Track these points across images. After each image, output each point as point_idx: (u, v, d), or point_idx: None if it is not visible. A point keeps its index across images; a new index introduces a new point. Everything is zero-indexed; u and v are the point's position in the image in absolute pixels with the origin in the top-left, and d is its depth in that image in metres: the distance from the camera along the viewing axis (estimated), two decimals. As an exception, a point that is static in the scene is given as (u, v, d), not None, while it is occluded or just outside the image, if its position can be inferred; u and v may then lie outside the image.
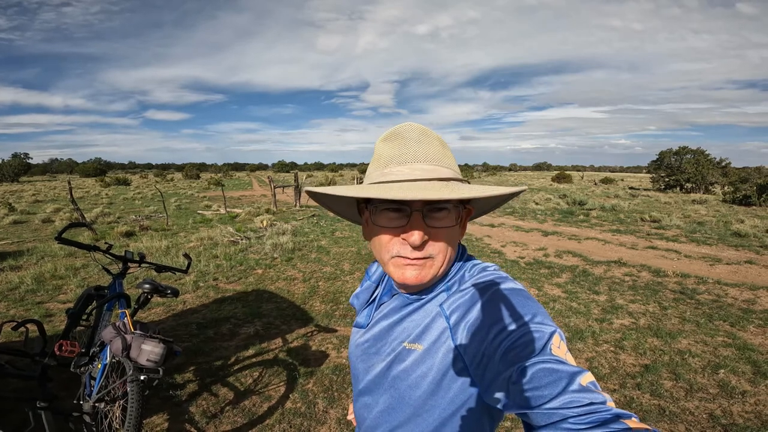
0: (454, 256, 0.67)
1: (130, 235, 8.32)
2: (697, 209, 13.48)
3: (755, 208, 14.88)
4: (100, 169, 74.46)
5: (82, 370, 2.06)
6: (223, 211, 12.45)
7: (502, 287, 0.61)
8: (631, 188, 27.81)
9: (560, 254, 6.66)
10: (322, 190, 0.63)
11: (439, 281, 0.68)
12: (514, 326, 0.55)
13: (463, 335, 0.60)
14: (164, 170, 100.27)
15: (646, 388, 2.68)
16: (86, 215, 10.38)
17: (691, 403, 2.52)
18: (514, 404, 0.49)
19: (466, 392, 0.61)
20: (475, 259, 0.73)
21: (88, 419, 1.93)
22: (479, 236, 8.30)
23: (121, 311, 2.06)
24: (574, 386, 0.45)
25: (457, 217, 0.64)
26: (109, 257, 2.32)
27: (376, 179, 0.64)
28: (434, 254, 0.63)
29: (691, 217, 11.32)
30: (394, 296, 0.74)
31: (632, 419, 0.41)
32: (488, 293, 0.61)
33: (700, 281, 5.09)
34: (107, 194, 21.82)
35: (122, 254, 2.32)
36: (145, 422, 2.25)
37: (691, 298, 4.46)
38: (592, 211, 12.40)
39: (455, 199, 0.57)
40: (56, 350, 1.90)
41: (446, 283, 0.68)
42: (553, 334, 0.53)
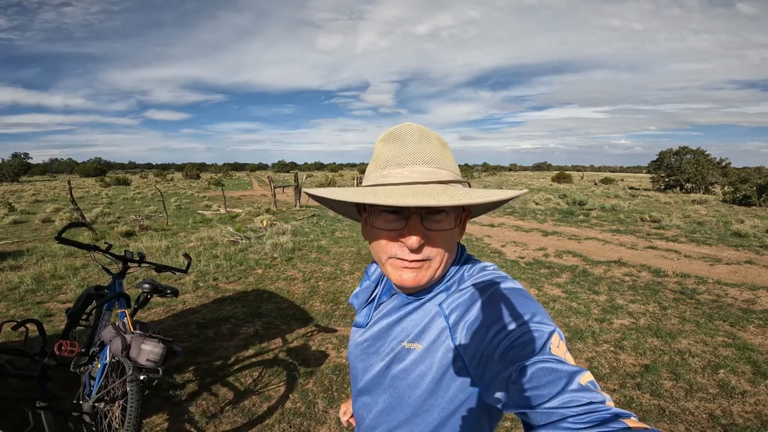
0: (452, 257, 0.67)
1: (130, 235, 8.32)
2: (697, 209, 13.49)
3: (755, 208, 14.88)
4: (100, 169, 74.40)
5: (81, 369, 2.06)
6: (223, 211, 12.45)
7: (501, 287, 0.61)
8: (631, 188, 27.80)
9: (560, 254, 6.66)
10: (321, 192, 0.63)
11: (438, 281, 0.67)
12: (513, 325, 0.55)
13: (462, 335, 0.60)
14: (164, 170, 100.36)
15: (646, 388, 2.68)
16: (86, 215, 10.37)
17: (691, 403, 2.52)
18: (513, 404, 0.49)
19: (465, 392, 0.61)
20: (474, 258, 0.73)
21: (87, 419, 1.93)
22: (479, 236, 8.30)
23: (120, 311, 2.06)
24: (573, 386, 0.45)
25: (455, 219, 0.63)
26: (108, 257, 2.32)
27: (374, 181, 0.64)
28: (432, 257, 0.63)
29: (691, 217, 11.32)
30: (393, 296, 0.74)
31: (631, 418, 0.41)
32: (487, 293, 0.61)
33: (700, 281, 5.09)
34: (107, 194, 21.82)
35: (122, 254, 2.32)
36: (144, 422, 2.25)
37: (691, 298, 4.46)
38: (592, 211, 12.39)
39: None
40: (56, 350, 1.90)
41: (445, 282, 0.68)
42: (552, 333, 0.53)
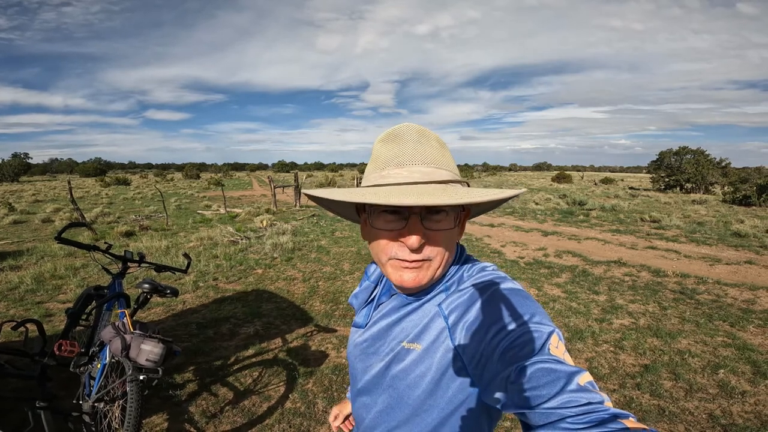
0: (452, 257, 0.67)
1: (129, 234, 8.32)
2: (697, 209, 13.49)
3: (755, 208, 14.88)
4: (100, 169, 74.40)
5: (81, 369, 2.06)
6: (223, 211, 12.45)
7: (500, 287, 0.61)
8: (631, 188, 27.80)
9: (560, 254, 6.66)
10: (320, 193, 0.63)
11: (437, 282, 0.67)
12: (512, 326, 0.55)
13: (461, 335, 0.60)
14: (164, 170, 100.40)
15: (645, 388, 2.68)
16: (86, 215, 10.37)
17: (690, 403, 2.52)
18: (512, 404, 0.49)
19: (464, 392, 0.61)
20: (473, 259, 0.73)
21: (87, 419, 1.93)
22: (479, 236, 8.30)
23: (120, 311, 2.06)
24: (572, 386, 0.45)
25: (455, 218, 0.63)
26: (108, 257, 2.32)
27: (374, 181, 0.64)
28: (432, 256, 0.62)
29: (691, 217, 11.32)
30: (392, 296, 0.74)
31: (630, 419, 0.41)
32: (487, 293, 0.61)
33: (699, 281, 5.09)
34: (107, 194, 21.82)
35: (122, 254, 2.32)
36: (144, 422, 2.25)
37: (690, 298, 4.46)
38: (592, 211, 12.39)
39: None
40: (56, 350, 1.90)
41: (445, 283, 0.68)
42: (551, 334, 0.53)
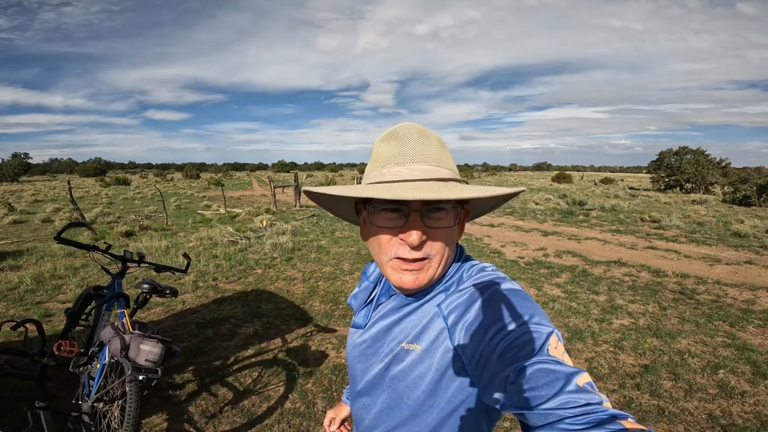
0: (452, 256, 0.67)
1: (129, 234, 8.32)
2: (696, 209, 13.49)
3: (755, 208, 14.88)
4: (100, 168, 74.37)
5: (80, 369, 2.06)
6: (222, 211, 12.45)
7: (500, 288, 0.61)
8: (631, 188, 27.81)
9: (560, 254, 6.66)
10: (320, 189, 0.63)
11: (437, 282, 0.67)
12: (511, 326, 0.55)
13: (461, 335, 0.60)
14: (164, 170, 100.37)
15: (645, 388, 2.68)
16: (86, 215, 10.37)
17: (690, 403, 2.52)
18: (511, 404, 0.49)
19: (464, 392, 0.61)
20: (473, 259, 0.73)
21: (86, 419, 1.93)
22: (479, 236, 8.30)
23: (120, 311, 2.06)
24: (570, 387, 0.45)
25: (455, 217, 0.63)
26: (108, 257, 2.32)
27: (374, 179, 0.64)
28: (432, 255, 0.62)
29: (690, 217, 11.32)
30: (392, 297, 0.74)
31: (629, 420, 0.41)
32: (486, 293, 0.61)
33: (699, 281, 5.09)
34: (107, 194, 21.82)
35: (121, 254, 2.32)
36: (143, 422, 2.25)
37: (690, 298, 4.46)
38: (591, 211, 12.40)
39: (453, 199, 0.57)
40: (55, 350, 1.90)
41: (444, 283, 0.68)
42: (550, 334, 0.53)
